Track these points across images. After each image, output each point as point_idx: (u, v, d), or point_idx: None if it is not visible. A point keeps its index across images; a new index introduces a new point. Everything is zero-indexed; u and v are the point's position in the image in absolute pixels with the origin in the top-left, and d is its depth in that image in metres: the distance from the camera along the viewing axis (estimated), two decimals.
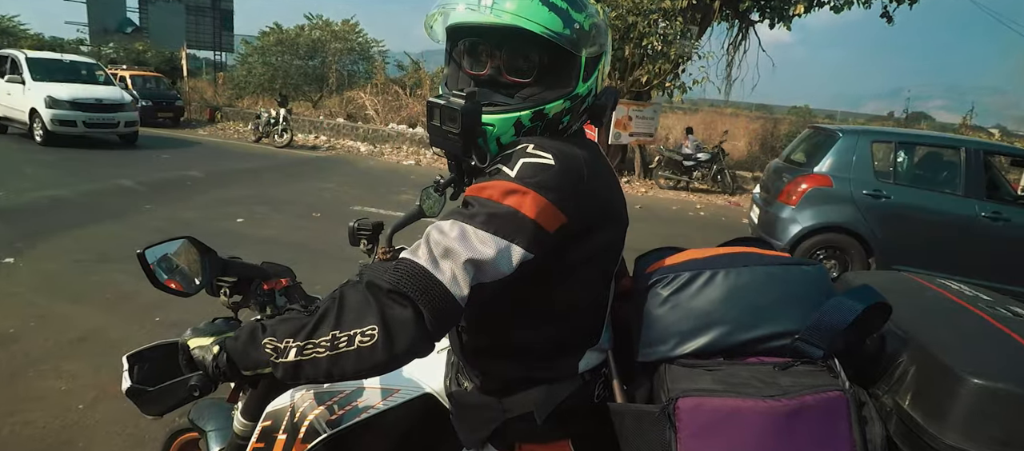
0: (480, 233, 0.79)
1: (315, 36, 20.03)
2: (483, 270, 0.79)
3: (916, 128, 14.02)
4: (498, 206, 0.81)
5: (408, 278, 0.77)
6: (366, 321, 0.76)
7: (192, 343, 0.90)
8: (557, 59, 0.92)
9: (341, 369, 0.77)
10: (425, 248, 0.80)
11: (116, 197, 7.13)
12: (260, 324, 0.84)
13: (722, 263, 0.96)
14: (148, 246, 1.11)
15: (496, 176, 0.84)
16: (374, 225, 1.46)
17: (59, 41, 37.85)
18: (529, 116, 0.91)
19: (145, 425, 2.49)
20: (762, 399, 0.81)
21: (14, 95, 11.68)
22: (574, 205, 0.85)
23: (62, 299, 3.85)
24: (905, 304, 0.92)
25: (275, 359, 0.80)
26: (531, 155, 0.84)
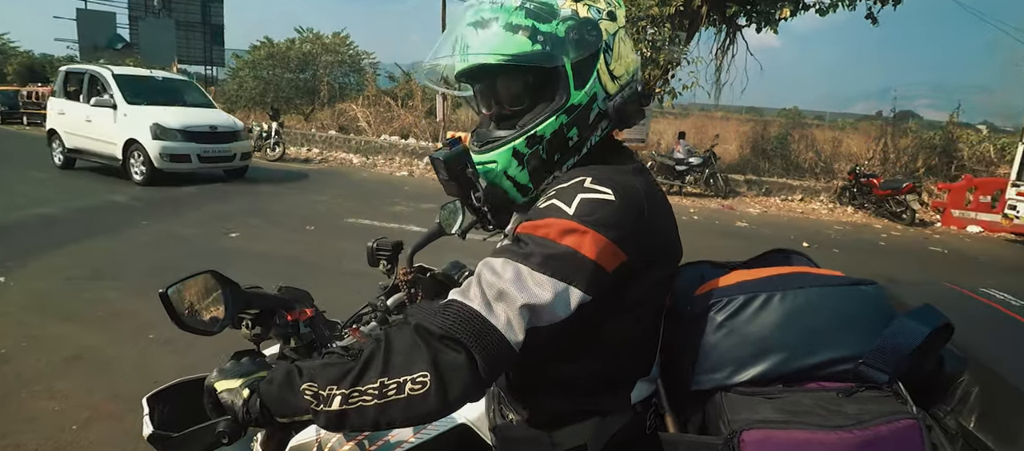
0: (536, 275, 0.75)
1: (306, 49, 20.05)
2: (539, 314, 0.75)
3: (904, 126, 14.14)
4: (555, 246, 0.77)
5: (461, 323, 0.73)
6: (416, 368, 0.72)
7: (219, 386, 0.83)
8: (541, 76, 0.88)
9: (389, 418, 0.74)
10: (477, 289, 0.76)
11: (109, 213, 7.09)
12: (296, 367, 0.79)
13: (777, 285, 0.91)
14: (170, 285, 1.04)
15: (552, 212, 0.80)
16: (393, 245, 1.43)
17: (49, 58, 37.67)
18: (524, 143, 0.89)
19: (143, 448, 2.46)
20: (833, 431, 0.77)
21: (98, 123, 9.47)
22: (634, 243, 0.81)
23: (54, 318, 3.80)
24: (960, 320, 0.88)
25: (316, 406, 0.75)
26: (590, 190, 0.80)
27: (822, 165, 13.19)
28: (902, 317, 0.88)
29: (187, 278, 1.08)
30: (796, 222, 9.58)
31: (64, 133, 10.15)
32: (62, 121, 10.21)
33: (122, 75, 9.92)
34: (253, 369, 0.85)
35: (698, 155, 11.35)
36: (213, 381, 0.84)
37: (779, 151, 13.70)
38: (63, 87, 10.43)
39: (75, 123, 9.94)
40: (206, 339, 1.06)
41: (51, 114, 10.52)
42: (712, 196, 11.06)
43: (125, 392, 2.86)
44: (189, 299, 1.08)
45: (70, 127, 10.04)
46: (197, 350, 3.22)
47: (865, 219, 10.06)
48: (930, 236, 9.00)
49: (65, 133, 10.14)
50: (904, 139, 13.32)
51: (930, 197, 10.61)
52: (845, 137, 14.76)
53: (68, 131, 10.08)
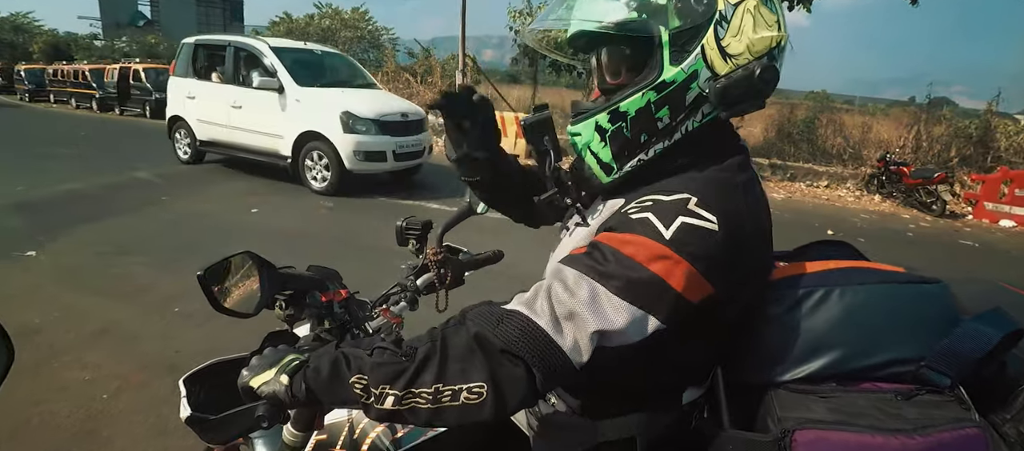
0: (614, 299, 0.71)
1: (325, 25, 20.07)
2: (609, 339, 0.72)
3: (938, 114, 13.70)
4: (642, 270, 0.71)
5: (524, 339, 0.70)
6: (473, 377, 0.70)
7: (255, 383, 0.80)
8: (638, 48, 0.81)
9: (442, 420, 0.73)
10: (546, 304, 0.72)
11: (132, 189, 7.18)
12: (343, 355, 0.76)
13: (836, 280, 0.86)
14: (207, 267, 1.03)
15: (645, 230, 0.73)
16: (423, 224, 1.40)
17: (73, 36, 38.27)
18: (607, 118, 0.83)
19: (168, 414, 2.50)
20: (892, 435, 0.73)
21: (254, 110, 7.46)
22: (725, 275, 0.75)
23: (83, 291, 3.87)
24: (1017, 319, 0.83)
25: (366, 400, 0.73)
26: (692, 214, 0.73)
27: (850, 151, 12.86)
28: (971, 321, 0.82)
29: (223, 260, 1.07)
30: (821, 209, 9.37)
31: (196, 122, 8.34)
32: (193, 107, 8.31)
33: (282, 49, 7.78)
34: (282, 355, 0.82)
35: None
36: (246, 381, 0.81)
37: (805, 135, 13.39)
38: (191, 64, 8.43)
39: (213, 110, 7.97)
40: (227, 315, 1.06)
41: (174, 98, 8.66)
42: None
43: (152, 363, 2.91)
44: (225, 280, 1.07)
45: (206, 114, 8.16)
46: (219, 322, 3.24)
47: (893, 208, 9.79)
48: (960, 229, 8.72)
49: (198, 122, 8.32)
50: (938, 127, 12.88)
51: (962, 188, 10.28)
52: (875, 123, 14.33)
53: (202, 120, 8.22)
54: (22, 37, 40.59)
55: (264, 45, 7.72)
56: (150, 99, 17.13)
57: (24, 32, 41.58)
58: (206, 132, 8.31)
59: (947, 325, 0.82)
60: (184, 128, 8.68)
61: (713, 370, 0.91)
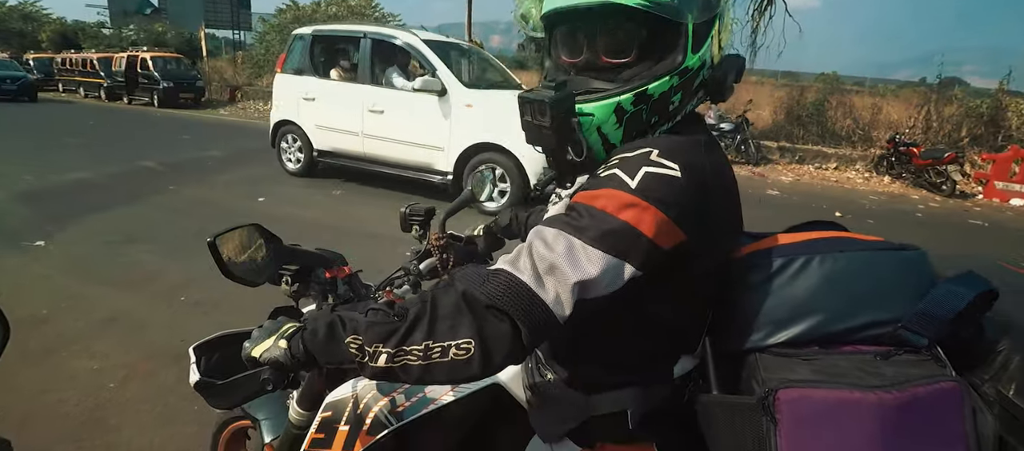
0: (590, 250, 0.73)
1: (332, 12, 19.99)
2: (588, 289, 0.74)
3: (949, 94, 13.45)
4: (613, 220, 0.74)
5: (509, 295, 0.73)
6: (461, 334, 0.73)
7: (256, 352, 0.85)
8: (659, 31, 0.83)
9: (433, 377, 0.75)
10: (528, 260, 0.74)
11: (139, 178, 7.25)
12: (338, 317, 0.80)
13: (817, 248, 0.89)
14: (217, 234, 1.08)
15: (612, 183, 0.77)
16: (426, 211, 1.43)
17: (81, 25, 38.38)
18: (631, 99, 0.83)
19: (175, 403, 2.55)
20: (871, 391, 0.76)
21: (402, 115, 6.29)
22: (695, 223, 0.79)
23: (91, 280, 3.93)
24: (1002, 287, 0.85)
25: (361, 359, 0.76)
26: (655, 163, 0.77)
27: (860, 133, 12.68)
28: (945, 282, 0.85)
29: (233, 229, 1.13)
30: (830, 191, 9.29)
31: (313, 128, 7.04)
32: (309, 110, 6.98)
33: (435, 43, 6.52)
34: (281, 324, 0.87)
35: (730, 121, 11.02)
36: (248, 351, 0.86)
37: (815, 117, 13.19)
38: (308, 58, 7.00)
39: (340, 114, 6.72)
40: (233, 299, 1.11)
41: (283, 99, 7.29)
42: (743, 163, 10.77)
43: (159, 352, 2.95)
44: (234, 249, 1.12)
45: (329, 119, 6.87)
46: (226, 309, 3.30)
47: (902, 189, 9.69)
48: (970, 208, 8.62)
49: (316, 128, 7.02)
50: (949, 107, 12.65)
51: (973, 168, 10.14)
52: (885, 104, 14.08)
53: (324, 125, 6.90)
54: (31, 26, 40.79)
55: (414, 37, 6.44)
56: (158, 88, 17.25)
57: (33, 21, 41.77)
58: (327, 141, 6.94)
59: (924, 288, 0.85)
60: (295, 134, 7.31)
61: (701, 340, 0.94)
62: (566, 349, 0.96)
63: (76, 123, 12.05)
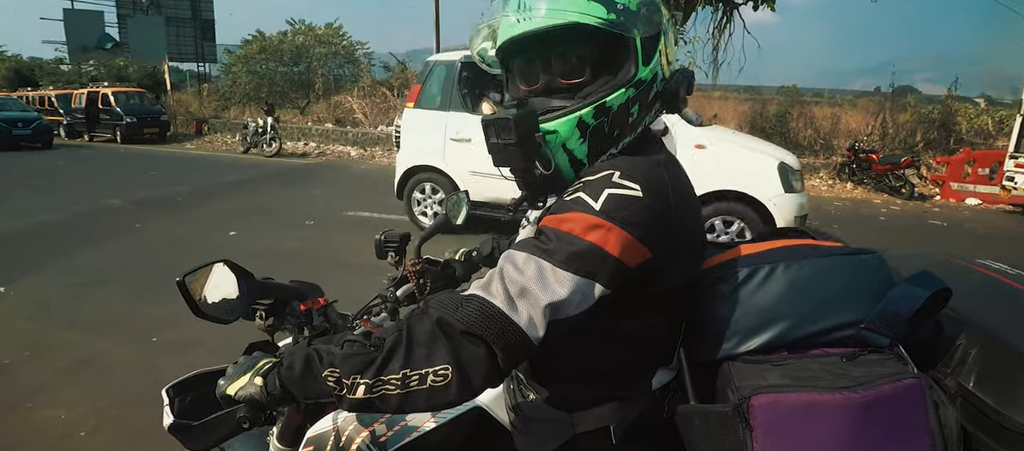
0: (559, 272, 0.76)
1: (299, 42, 19.93)
2: (560, 310, 0.76)
3: (903, 102, 14.07)
4: (579, 242, 0.77)
5: (482, 320, 0.74)
6: (437, 361, 0.74)
7: (231, 390, 0.85)
8: (610, 48, 0.88)
9: (412, 405, 0.76)
10: (499, 285, 0.76)
11: (106, 218, 7.06)
12: (315, 351, 0.80)
13: (780, 256, 0.93)
14: (186, 273, 1.06)
15: (577, 206, 0.79)
16: (401, 237, 1.43)
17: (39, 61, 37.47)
18: (591, 113, 0.87)
19: (150, 448, 2.47)
20: (839, 392, 0.79)
21: None
22: (659, 240, 0.81)
23: (57, 326, 3.80)
24: (955, 286, 0.90)
25: (339, 392, 0.77)
26: (617, 185, 0.80)
27: (821, 142, 13.14)
28: (901, 283, 0.91)
29: (202, 267, 1.10)
30: None
31: (466, 174, 5.75)
32: (458, 153, 5.79)
33: None
34: (256, 360, 0.86)
35: None
36: (223, 389, 0.85)
37: (778, 129, 13.63)
38: (456, 90, 5.83)
39: None
40: (209, 340, 1.08)
41: (416, 139, 6.06)
42: None
43: (132, 396, 2.86)
44: (205, 287, 1.10)
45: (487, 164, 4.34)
46: (201, 351, 3.20)
47: (865, 194, 10.05)
48: (929, 209, 8.99)
49: (470, 175, 5.69)
50: (903, 114, 13.26)
51: (929, 171, 10.59)
52: (844, 114, 14.66)
53: (479, 171, 5.57)
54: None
55: None
56: (121, 124, 16.85)
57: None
58: (488, 190, 5.40)
59: (882, 290, 0.90)
60: (436, 183, 6.05)
61: (676, 351, 0.96)
62: (547, 368, 0.98)
63: (37, 164, 11.70)
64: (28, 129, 15.19)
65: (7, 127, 14.75)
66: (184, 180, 9.53)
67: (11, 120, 15.12)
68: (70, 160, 12.44)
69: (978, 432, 0.84)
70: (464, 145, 5.74)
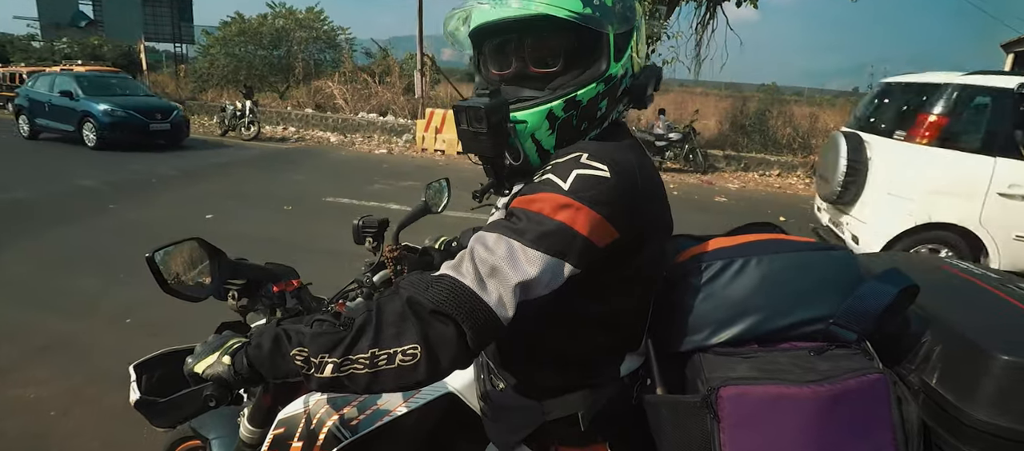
0: (529, 251, 0.76)
1: (279, 25, 19.53)
2: (530, 289, 0.76)
3: None
4: (549, 221, 0.77)
5: (452, 299, 0.74)
6: (406, 340, 0.73)
7: (199, 368, 0.84)
8: (583, 42, 0.88)
9: (380, 385, 0.75)
10: (470, 265, 0.76)
11: (79, 198, 6.89)
12: (284, 331, 0.79)
13: (753, 250, 0.94)
14: (156, 248, 1.04)
15: (547, 187, 0.80)
16: (379, 222, 1.43)
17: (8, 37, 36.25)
18: (561, 105, 0.88)
19: (122, 428, 2.45)
20: (805, 385, 0.80)
21: None
22: (626, 219, 0.82)
23: (28, 306, 3.72)
24: (922, 283, 0.93)
25: (307, 371, 0.76)
26: (585, 166, 0.80)
27: (800, 141, 13.35)
28: (870, 280, 0.93)
29: (174, 244, 1.08)
30: (774, 197, 9.74)
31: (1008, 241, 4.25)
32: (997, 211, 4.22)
33: None
34: (225, 339, 0.86)
35: (678, 131, 11.41)
36: (191, 366, 0.85)
37: (757, 127, 13.82)
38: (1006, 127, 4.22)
39: None
40: (183, 320, 1.07)
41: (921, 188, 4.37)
42: (691, 171, 11.16)
43: (104, 376, 2.83)
44: (176, 265, 1.08)
45: None
46: (174, 332, 3.17)
47: None
48: None
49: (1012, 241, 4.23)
50: None
51: None
52: (822, 113, 14.93)
53: None
54: None
55: None
56: None
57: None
58: None
59: (852, 286, 0.93)
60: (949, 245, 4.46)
61: (644, 338, 0.98)
62: (516, 355, 0.99)
63: (6, 141, 11.33)
64: (167, 122, 11.30)
65: (143, 121, 10.92)
66: (162, 161, 9.34)
67: (148, 110, 11.20)
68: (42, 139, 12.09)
69: (938, 428, 0.88)
70: (1019, 204, 4.18)
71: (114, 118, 10.79)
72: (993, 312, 0.99)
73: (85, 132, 11.01)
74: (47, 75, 13.24)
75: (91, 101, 11.04)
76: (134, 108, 11.07)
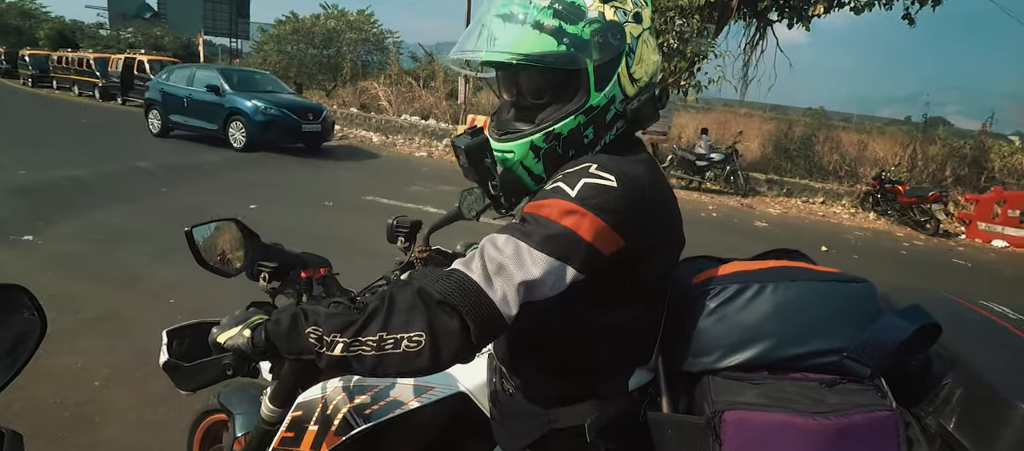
0: (535, 253, 0.79)
1: (330, 26, 20.12)
2: (534, 290, 0.79)
3: (933, 134, 13.78)
4: (555, 226, 0.80)
5: (459, 292, 0.77)
6: (414, 327, 0.76)
7: (222, 338, 0.91)
8: (564, 76, 0.91)
9: (385, 369, 0.79)
10: (479, 262, 0.79)
11: (133, 179, 7.22)
12: (302, 310, 0.83)
13: (771, 276, 0.93)
14: (195, 225, 1.13)
15: (556, 194, 0.83)
16: (412, 224, 1.47)
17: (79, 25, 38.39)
18: (541, 138, 0.92)
19: (159, 404, 2.54)
20: (811, 416, 0.79)
21: None
22: (633, 230, 0.84)
23: (79, 278, 3.90)
24: (948, 325, 0.89)
25: (319, 349, 0.80)
26: (594, 176, 0.83)
27: (846, 169, 12.94)
28: (889, 314, 0.90)
29: (212, 222, 1.17)
30: (816, 225, 9.45)
31: None
32: None
33: None
34: (249, 315, 0.92)
35: (720, 151, 11.21)
36: (215, 336, 0.92)
37: (802, 152, 13.46)
38: None
39: None
40: (222, 302, 1.12)
41: None
42: (731, 194, 10.93)
43: (145, 352, 2.91)
44: (212, 241, 1.17)
45: None
46: (212, 313, 3.26)
47: (887, 226, 9.87)
48: (954, 248, 8.80)
49: None
50: (933, 147, 12.98)
51: (956, 208, 10.36)
52: (871, 141, 14.43)
53: None
54: (29, 23, 40.73)
55: None
56: None
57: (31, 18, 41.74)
58: None
59: (870, 320, 0.90)
60: None
61: (655, 354, 0.98)
62: (525, 361, 1.00)
63: (70, 121, 11.98)
64: (317, 123, 10.60)
65: (296, 121, 10.22)
66: (210, 151, 9.70)
67: (301, 109, 10.59)
68: (95, 117, 12.72)
69: None
70: None
71: (267, 117, 9.84)
72: (1020, 358, 0.93)
73: (231, 131, 10.11)
74: (184, 67, 12.34)
75: (239, 97, 10.16)
76: (287, 106, 10.22)
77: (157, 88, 11.33)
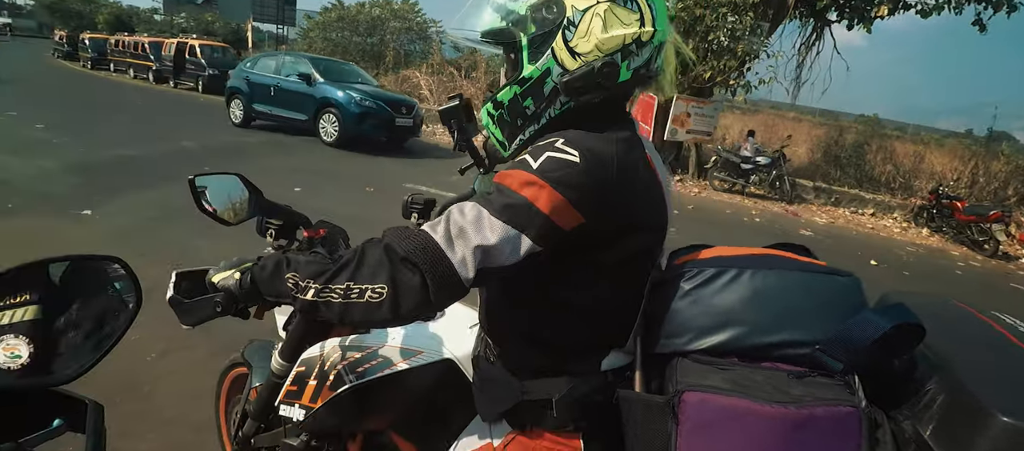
0: (493, 220, 0.82)
1: (375, 14, 20.40)
2: (491, 257, 0.82)
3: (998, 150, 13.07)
4: (514, 195, 0.83)
5: (421, 250, 0.81)
6: (378, 280, 0.81)
7: (216, 278, 0.99)
8: (510, 49, 0.97)
9: (350, 317, 0.84)
10: (444, 226, 0.83)
11: (180, 159, 7.45)
12: (285, 258, 0.91)
13: (750, 263, 0.93)
14: (198, 173, 1.24)
15: (520, 165, 0.86)
16: (426, 201, 1.53)
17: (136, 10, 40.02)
18: (491, 106, 0.99)
19: (208, 379, 2.57)
20: (769, 404, 0.80)
21: None
22: (594, 208, 0.85)
23: (133, 252, 4.01)
24: (946, 331, 0.88)
25: (294, 294, 0.86)
26: (558, 150, 0.85)
27: (900, 181, 12.41)
28: (867, 311, 0.87)
29: (217, 173, 1.30)
30: (865, 237, 9.07)
31: None
32: None
33: None
34: (243, 261, 1.00)
35: (767, 155, 10.86)
36: (210, 277, 1.00)
37: (853, 160, 12.98)
38: None
39: None
40: None
41: None
42: (776, 199, 10.60)
43: (194, 330, 2.98)
44: (215, 191, 1.28)
45: None
46: None
47: (941, 244, 9.41)
48: (1013, 272, 8.31)
49: None
50: (996, 163, 12.32)
51: (1018, 229, 9.80)
52: (929, 153, 13.80)
53: None
54: (89, 8, 42.71)
55: None
56: (203, 74, 17.70)
57: (91, 3, 43.76)
58: None
59: (849, 315, 0.87)
60: None
61: (633, 337, 0.97)
62: (503, 331, 1.04)
63: (126, 101, 12.45)
64: (410, 117, 10.24)
65: (390, 114, 9.75)
66: (256, 133, 9.92)
67: (394, 102, 10.17)
68: (148, 100, 13.17)
69: None
70: None
71: (362, 108, 9.31)
72: (1011, 369, 0.89)
73: (322, 123, 9.59)
74: (271, 55, 11.87)
75: (332, 87, 9.70)
76: (381, 99, 9.75)
77: (241, 76, 10.85)
